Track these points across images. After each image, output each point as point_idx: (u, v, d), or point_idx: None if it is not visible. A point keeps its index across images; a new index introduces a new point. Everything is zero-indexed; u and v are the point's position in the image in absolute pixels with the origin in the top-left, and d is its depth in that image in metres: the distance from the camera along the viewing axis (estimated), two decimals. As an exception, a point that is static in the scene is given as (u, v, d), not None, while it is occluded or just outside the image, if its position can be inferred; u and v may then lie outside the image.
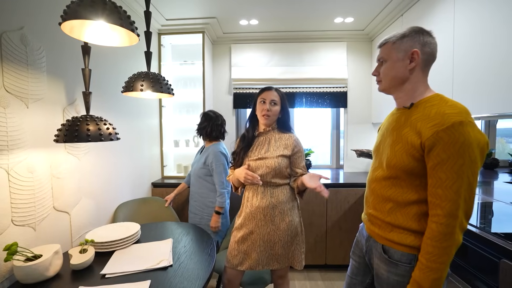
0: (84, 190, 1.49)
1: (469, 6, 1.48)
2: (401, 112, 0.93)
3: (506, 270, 0.95)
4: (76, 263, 1.09)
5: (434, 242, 0.77)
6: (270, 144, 1.38)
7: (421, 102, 0.87)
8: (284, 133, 1.41)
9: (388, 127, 0.98)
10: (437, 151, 0.76)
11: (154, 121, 2.42)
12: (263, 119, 1.37)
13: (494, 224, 1.21)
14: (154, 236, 1.47)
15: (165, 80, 1.32)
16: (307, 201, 2.26)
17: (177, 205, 2.26)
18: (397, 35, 0.91)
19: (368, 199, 1.03)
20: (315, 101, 2.78)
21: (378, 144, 1.02)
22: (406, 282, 0.87)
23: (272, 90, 1.39)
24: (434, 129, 0.77)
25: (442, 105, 0.81)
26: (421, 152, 0.81)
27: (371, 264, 1.01)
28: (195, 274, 1.09)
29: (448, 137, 0.75)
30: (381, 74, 0.95)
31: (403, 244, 0.87)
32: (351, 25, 2.54)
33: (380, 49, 0.96)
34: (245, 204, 1.40)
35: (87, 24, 0.95)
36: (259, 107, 1.37)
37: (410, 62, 0.88)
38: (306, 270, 2.34)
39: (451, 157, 0.75)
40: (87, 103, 1.13)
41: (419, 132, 0.81)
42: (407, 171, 0.85)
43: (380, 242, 0.95)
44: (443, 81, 1.71)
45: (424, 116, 0.82)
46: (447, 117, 0.77)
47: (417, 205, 0.86)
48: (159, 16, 2.31)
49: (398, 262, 0.88)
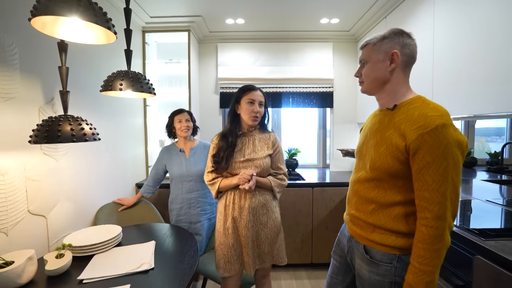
0: (62, 193, 1.44)
1: (448, 9, 1.52)
2: (384, 114, 0.94)
3: (479, 266, 0.98)
4: (52, 269, 1.05)
5: (426, 245, 0.78)
6: (255, 144, 1.37)
7: (403, 104, 0.88)
8: (264, 132, 1.43)
9: (371, 128, 0.98)
10: (422, 154, 0.77)
11: (138, 120, 2.37)
12: (251, 121, 1.34)
13: (471, 221, 1.25)
14: (137, 239, 1.43)
15: (145, 79, 1.29)
16: (294, 201, 2.27)
17: (163, 208, 2.23)
18: (377, 36, 0.92)
19: (351, 200, 1.03)
20: (301, 101, 2.80)
21: (361, 145, 1.03)
22: (387, 282, 0.88)
23: (258, 90, 1.36)
24: (419, 132, 0.78)
25: (425, 107, 0.82)
26: (406, 154, 0.82)
27: (353, 264, 1.03)
28: (177, 277, 1.07)
29: (432, 140, 0.76)
30: (363, 75, 0.96)
31: (384, 244, 0.89)
32: (336, 26, 2.57)
33: (361, 50, 0.97)
34: (231, 207, 1.34)
35: (60, 21, 0.91)
36: (247, 107, 1.32)
37: (390, 63, 0.89)
38: (293, 269, 2.35)
39: (436, 160, 0.76)
40: (65, 102, 1.09)
41: (404, 134, 0.82)
42: (390, 173, 0.86)
43: (362, 242, 0.96)
44: (423, 82, 1.75)
45: (408, 118, 0.83)
46: (430, 119, 0.78)
47: (399, 206, 0.87)
48: (143, 14, 2.25)
49: (379, 262, 0.90)
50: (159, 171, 1.90)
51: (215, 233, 1.40)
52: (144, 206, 1.97)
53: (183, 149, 1.89)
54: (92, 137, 1.02)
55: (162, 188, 2.23)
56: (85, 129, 1.03)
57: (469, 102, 1.39)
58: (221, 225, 1.35)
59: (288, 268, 2.36)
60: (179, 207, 1.83)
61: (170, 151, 1.90)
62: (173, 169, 1.84)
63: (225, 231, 1.33)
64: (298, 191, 2.27)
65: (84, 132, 1.01)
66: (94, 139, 1.03)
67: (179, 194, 1.84)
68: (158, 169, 1.90)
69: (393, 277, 0.88)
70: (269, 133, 1.43)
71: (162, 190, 2.26)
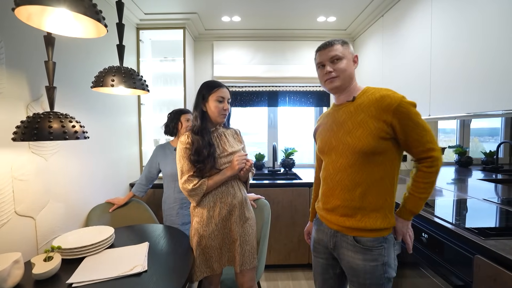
0: (52, 193, 1.39)
1: (445, 7, 1.51)
2: (345, 106, 1.06)
3: (480, 266, 0.97)
4: (39, 273, 1.00)
5: (426, 180, 0.95)
6: (228, 139, 1.37)
7: (359, 95, 1.04)
8: (229, 128, 1.43)
9: (335, 121, 1.07)
10: (404, 122, 0.93)
11: (133, 119, 2.32)
12: (220, 118, 1.30)
13: (468, 220, 1.24)
14: (130, 240, 1.39)
15: (138, 75, 1.25)
16: (290, 200, 2.25)
17: (157, 208, 2.18)
18: (337, 40, 1.05)
19: (334, 192, 1.05)
20: (298, 100, 2.78)
21: (328, 139, 1.08)
22: (380, 264, 0.98)
23: (224, 87, 1.32)
24: (392, 107, 0.93)
25: (379, 90, 0.99)
26: (388, 130, 0.94)
27: (340, 258, 1.06)
28: (171, 279, 1.04)
29: (404, 108, 0.93)
30: (337, 70, 1.03)
31: (374, 228, 0.98)
32: (333, 24, 2.55)
33: (325, 50, 1.05)
34: (218, 207, 1.27)
35: (48, 12, 0.87)
36: (216, 105, 1.27)
37: (354, 63, 1.07)
38: (290, 270, 2.33)
39: (413, 120, 0.93)
40: (51, 99, 1.05)
41: (378, 115, 0.95)
42: (372, 152, 0.96)
43: (351, 234, 1.01)
44: (422, 80, 1.74)
45: (373, 102, 0.97)
46: (392, 96, 0.95)
47: (382, 182, 0.98)
48: (137, 10, 2.21)
49: (372, 247, 0.98)
50: (152, 170, 1.87)
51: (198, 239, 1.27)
52: (138, 206, 1.93)
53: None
54: (74, 136, 0.97)
55: (156, 188, 2.19)
56: (75, 126, 0.98)
57: (467, 100, 1.38)
58: (205, 229, 1.26)
59: (285, 269, 2.34)
60: (171, 206, 1.79)
61: (164, 150, 1.87)
62: (166, 168, 1.81)
63: (211, 234, 1.27)
64: (295, 191, 2.25)
65: (73, 130, 0.97)
66: (77, 138, 0.99)
67: (171, 194, 1.80)
68: (152, 167, 1.86)
69: (383, 258, 0.98)
70: (233, 129, 1.45)
71: (156, 190, 2.22)
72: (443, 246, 1.16)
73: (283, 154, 2.78)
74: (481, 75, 1.28)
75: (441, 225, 1.18)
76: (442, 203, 1.49)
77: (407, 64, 1.91)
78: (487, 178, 2.22)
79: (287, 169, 2.72)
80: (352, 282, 1.04)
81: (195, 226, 1.30)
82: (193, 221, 1.33)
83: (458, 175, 2.39)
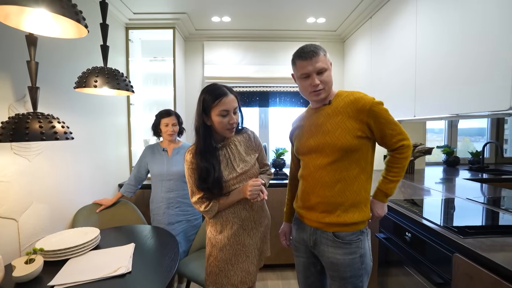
0: (35, 194, 1.37)
1: (430, 9, 1.54)
2: (322, 109, 1.10)
3: (458, 264, 0.99)
4: (20, 275, 0.99)
5: (399, 166, 1.05)
6: (239, 151, 1.21)
7: (335, 98, 1.10)
8: (240, 133, 1.26)
9: (313, 123, 1.11)
10: (378, 120, 1.01)
11: (122, 119, 2.30)
12: (228, 133, 1.14)
13: (449, 220, 1.27)
14: (117, 241, 1.38)
15: (123, 76, 1.24)
16: (281, 200, 2.26)
17: (146, 209, 2.17)
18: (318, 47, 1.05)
19: (313, 189, 1.08)
20: (289, 100, 2.79)
21: (305, 141, 1.11)
22: (357, 257, 1.04)
23: (229, 94, 1.12)
24: (366, 108, 1.01)
25: (352, 93, 1.07)
26: (364, 128, 1.02)
27: (320, 255, 1.10)
28: (154, 280, 1.04)
29: (376, 108, 1.01)
30: (323, 82, 1.04)
31: (352, 222, 1.04)
32: (323, 25, 2.57)
33: (311, 60, 1.02)
34: (231, 222, 1.19)
35: (26, 12, 0.86)
36: (220, 120, 1.10)
37: None
38: (279, 270, 2.34)
39: (385, 118, 1.02)
40: (34, 99, 1.03)
41: (355, 115, 1.02)
42: (350, 149, 1.02)
43: (330, 230, 1.05)
44: (407, 80, 1.77)
45: (349, 104, 1.04)
46: (365, 98, 1.03)
47: (359, 177, 1.05)
48: (126, 10, 2.19)
49: (350, 241, 1.04)
50: (141, 170, 1.86)
51: (210, 248, 1.22)
52: (126, 207, 1.92)
53: (166, 149, 1.85)
54: (64, 136, 0.97)
55: (145, 189, 2.17)
56: (56, 127, 0.97)
57: (450, 101, 1.41)
58: (218, 241, 1.19)
59: (275, 269, 2.35)
60: (158, 206, 1.79)
61: (153, 150, 1.87)
62: (154, 168, 1.81)
63: (223, 248, 1.18)
64: (285, 191, 2.25)
65: (55, 131, 0.96)
66: (67, 138, 0.98)
67: (158, 193, 1.80)
68: (141, 167, 1.86)
69: (360, 250, 1.04)
70: (246, 132, 1.27)
71: (145, 191, 2.20)
72: (425, 245, 1.18)
73: (274, 155, 2.79)
74: (465, 77, 1.30)
75: (423, 224, 1.20)
76: (427, 202, 1.51)
77: (393, 66, 1.94)
78: (473, 178, 2.27)
79: (277, 169, 2.73)
80: (333, 277, 1.07)
81: (208, 235, 1.25)
82: (207, 229, 1.27)
83: (445, 175, 2.43)
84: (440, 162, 3.06)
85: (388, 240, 1.45)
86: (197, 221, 1.87)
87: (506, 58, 1.09)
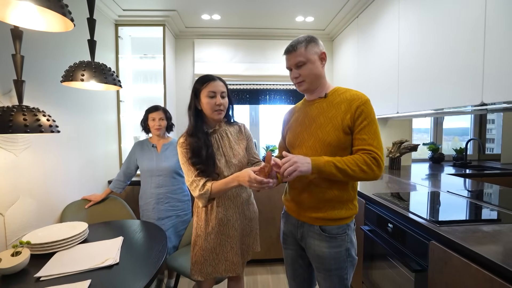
0: (22, 189, 1.37)
1: (411, 10, 1.60)
2: (318, 102, 1.10)
3: (434, 250, 1.04)
4: (6, 267, 0.99)
5: (357, 163, 0.95)
6: (230, 140, 1.26)
7: (331, 92, 1.10)
8: (233, 124, 1.33)
9: (307, 115, 1.11)
10: (361, 119, 1.00)
11: (112, 116, 2.30)
12: (216, 115, 1.20)
13: (429, 211, 1.32)
14: (105, 235, 1.39)
15: (110, 70, 1.26)
16: (269, 196, 2.29)
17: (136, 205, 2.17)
18: (301, 41, 1.05)
19: (302, 185, 1.08)
20: (279, 97, 2.83)
21: (299, 133, 1.12)
22: (343, 250, 1.06)
23: (217, 80, 1.21)
24: (357, 104, 1.00)
25: (349, 91, 1.07)
26: (351, 124, 1.00)
27: (307, 247, 1.12)
28: (142, 271, 1.05)
29: (366, 109, 1.01)
30: (303, 75, 1.06)
31: (339, 218, 1.04)
32: (312, 24, 2.62)
33: (290, 55, 1.07)
34: (215, 211, 1.22)
35: (12, 5, 0.87)
36: (208, 101, 1.17)
37: (321, 61, 1.08)
38: (269, 264, 2.37)
39: (370, 123, 1.00)
40: (19, 92, 1.04)
41: (346, 111, 1.01)
42: (340, 146, 1.02)
43: (317, 224, 1.07)
44: (390, 77, 1.83)
45: (344, 100, 1.04)
46: (361, 96, 1.03)
47: None
48: (115, 6, 2.19)
49: (336, 235, 1.05)
50: (131, 165, 1.87)
51: (194, 237, 1.27)
52: (115, 203, 1.92)
53: (156, 145, 1.87)
54: (49, 129, 0.97)
55: (135, 185, 2.18)
56: (41, 119, 0.98)
57: (429, 98, 1.47)
58: (202, 230, 1.23)
59: (264, 263, 2.38)
60: (147, 202, 1.80)
61: (142, 146, 1.88)
62: (143, 163, 1.82)
63: (207, 236, 1.22)
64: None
65: (40, 123, 0.97)
66: (52, 131, 0.99)
67: (147, 189, 1.81)
68: (130, 163, 1.87)
69: (346, 244, 1.06)
70: (237, 124, 1.34)
71: (135, 187, 2.21)
72: (405, 235, 1.23)
73: (264, 152, 2.83)
74: (440, 75, 1.36)
75: (402, 214, 1.25)
76: (412, 196, 1.57)
77: (378, 64, 1.99)
78: (456, 173, 2.35)
79: (268, 166, 2.76)
80: (318, 268, 1.10)
81: (194, 225, 1.28)
82: (193, 220, 1.30)
83: (430, 170, 2.51)
84: (426, 159, 3.15)
85: (372, 232, 1.49)
86: (186, 216, 1.89)
87: (478, 58, 1.14)
